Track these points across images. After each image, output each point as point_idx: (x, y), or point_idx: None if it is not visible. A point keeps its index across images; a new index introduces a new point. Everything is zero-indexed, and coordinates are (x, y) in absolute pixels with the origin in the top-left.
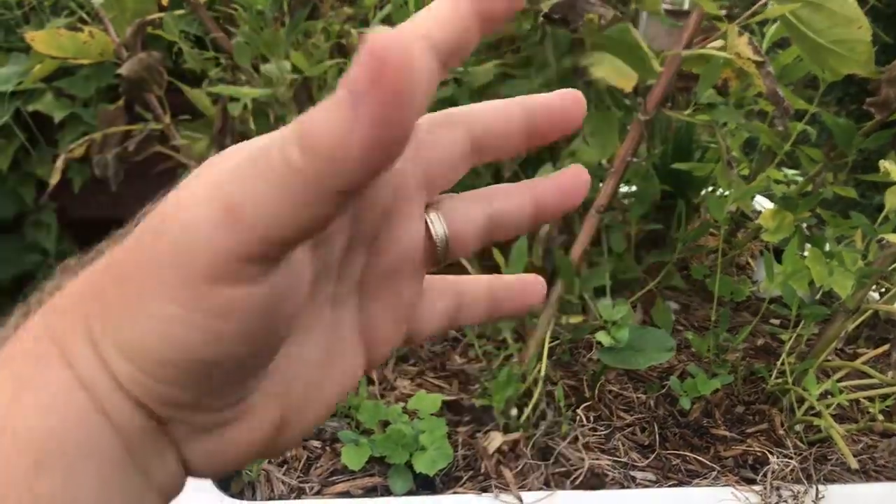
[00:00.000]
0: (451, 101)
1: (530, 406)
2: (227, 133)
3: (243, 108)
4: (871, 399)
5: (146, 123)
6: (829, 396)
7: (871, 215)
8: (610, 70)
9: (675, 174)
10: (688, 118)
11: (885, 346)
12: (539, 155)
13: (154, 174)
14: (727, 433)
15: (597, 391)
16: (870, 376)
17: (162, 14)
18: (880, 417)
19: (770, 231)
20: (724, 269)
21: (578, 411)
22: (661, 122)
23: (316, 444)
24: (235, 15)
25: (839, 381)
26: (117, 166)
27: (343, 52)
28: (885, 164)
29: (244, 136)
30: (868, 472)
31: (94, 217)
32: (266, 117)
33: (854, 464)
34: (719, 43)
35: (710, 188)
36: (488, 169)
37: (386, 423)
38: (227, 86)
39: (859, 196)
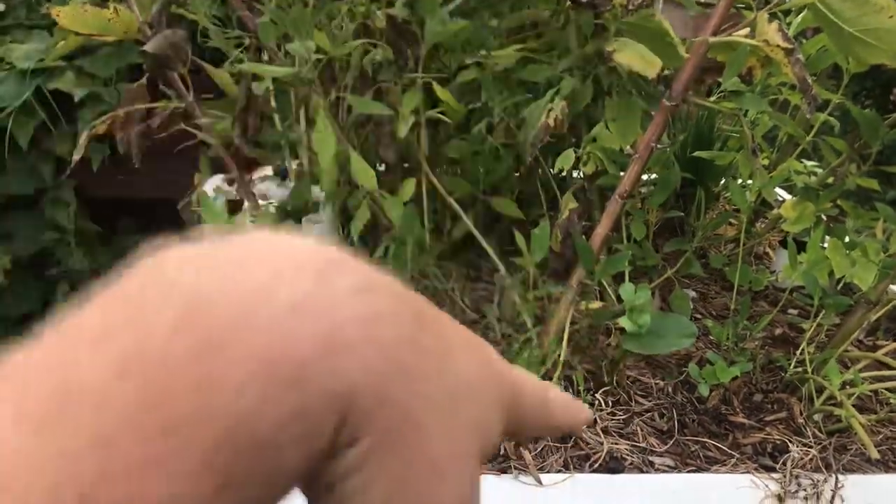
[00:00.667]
0: (472, 86)
1: None
2: (251, 112)
3: (266, 88)
4: (891, 390)
5: (169, 101)
6: (850, 386)
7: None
8: (634, 56)
9: (696, 162)
10: (714, 105)
11: None
12: (562, 140)
13: (174, 153)
14: (746, 421)
15: (615, 376)
16: (890, 367)
17: None
18: None
19: (791, 221)
20: (743, 258)
21: (597, 396)
22: (681, 111)
23: None
24: None
25: (859, 371)
26: (141, 143)
27: (368, 32)
28: None
29: (265, 116)
30: (888, 464)
31: (112, 196)
32: (289, 96)
33: (875, 454)
34: (745, 31)
35: (731, 177)
36: (509, 153)
37: None
38: (252, 63)
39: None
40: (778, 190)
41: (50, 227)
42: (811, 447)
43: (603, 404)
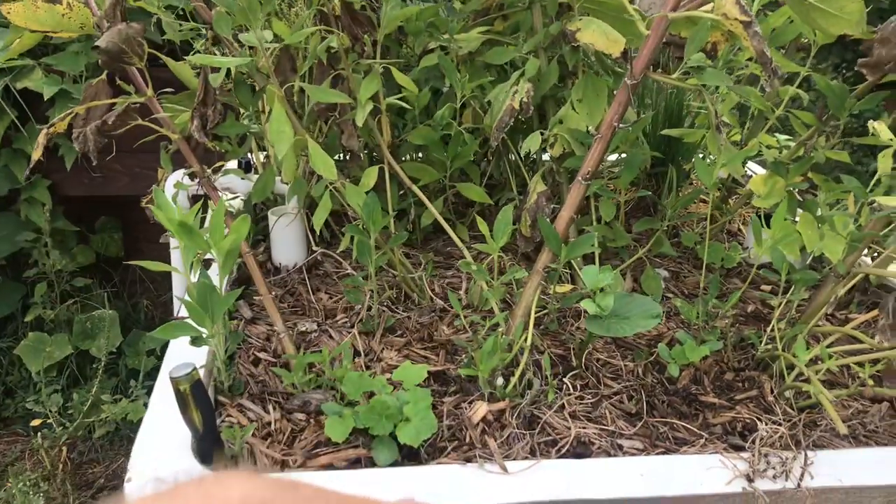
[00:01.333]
0: (436, 70)
1: (516, 375)
2: (210, 105)
3: (225, 79)
4: (861, 364)
5: (128, 97)
6: (819, 362)
7: (865, 182)
8: (597, 34)
9: (666, 140)
10: (676, 82)
11: (876, 311)
12: (528, 122)
13: (147, 149)
14: (716, 400)
15: (584, 359)
16: (860, 341)
17: None
18: (870, 382)
19: (761, 196)
20: (715, 235)
21: (565, 380)
22: (652, 89)
23: (300, 416)
24: None
25: (829, 346)
26: (97, 140)
27: (325, 20)
28: (873, 125)
29: (227, 106)
30: (858, 438)
31: (87, 194)
32: (248, 87)
33: (843, 429)
34: (708, 6)
35: (701, 154)
36: (477, 137)
37: (371, 395)
38: (206, 55)
39: (855, 163)
40: (752, 165)
41: (26, 228)
42: (781, 424)
43: (571, 388)
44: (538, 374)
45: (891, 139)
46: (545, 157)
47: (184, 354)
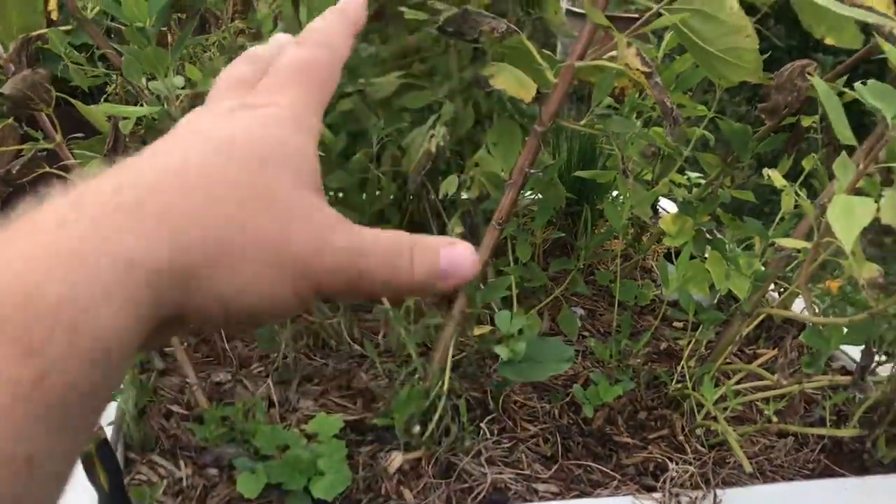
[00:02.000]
0: (352, 115)
1: (433, 422)
2: (119, 151)
3: (136, 125)
4: (766, 400)
5: (35, 143)
6: (726, 400)
7: (775, 215)
8: (510, 80)
9: (580, 181)
10: (583, 128)
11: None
12: (448, 165)
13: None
14: (629, 440)
15: (501, 403)
16: (765, 378)
17: (48, 30)
18: (774, 419)
19: (671, 235)
20: (629, 273)
21: (482, 424)
22: (567, 130)
23: (213, 472)
24: (124, 31)
25: (739, 382)
26: (0, 190)
27: None
28: (768, 172)
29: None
30: (765, 473)
31: None
32: (159, 134)
33: (748, 467)
34: (615, 53)
35: (616, 193)
36: (396, 179)
37: (286, 448)
38: (115, 104)
39: (764, 200)
40: (666, 202)
41: None
42: (691, 464)
43: (488, 433)
44: (456, 419)
45: (783, 185)
46: (464, 196)
47: None
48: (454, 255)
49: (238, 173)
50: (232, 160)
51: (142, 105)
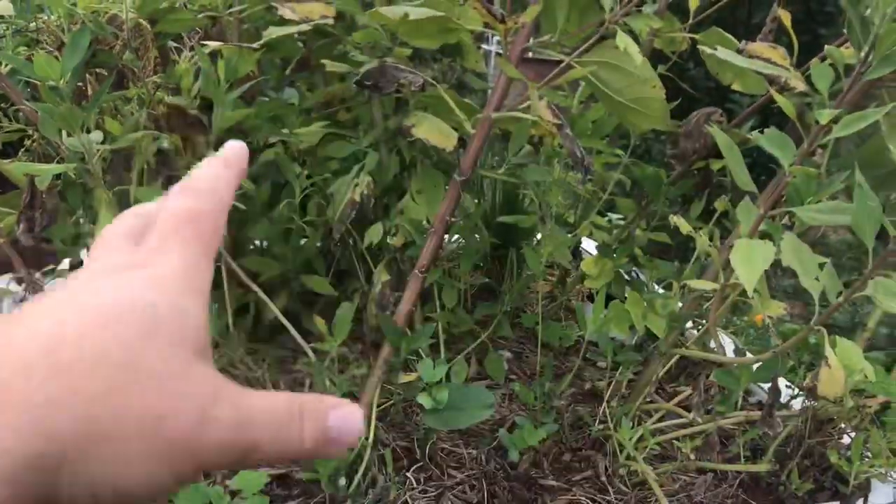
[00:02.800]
0: (274, 164)
1: (359, 474)
2: (37, 207)
3: (55, 178)
4: (685, 438)
5: None
6: (644, 440)
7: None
8: (431, 130)
9: (505, 226)
10: (502, 177)
11: None
12: (372, 214)
13: None
14: (555, 483)
15: (427, 451)
16: (682, 416)
17: None
18: (692, 457)
19: (592, 278)
20: (555, 313)
21: (409, 474)
22: (490, 178)
23: None
24: (38, 88)
25: (660, 420)
26: None
27: (157, 120)
28: (674, 219)
29: (56, 210)
30: None
31: None
32: (80, 188)
33: None
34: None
35: (528, 242)
36: (319, 229)
37: None
38: (27, 162)
39: (687, 239)
40: (588, 244)
41: None
42: None
43: (414, 482)
44: (382, 469)
45: (689, 231)
46: (390, 241)
47: None
48: (342, 418)
49: (113, 347)
50: (107, 331)
51: (60, 161)
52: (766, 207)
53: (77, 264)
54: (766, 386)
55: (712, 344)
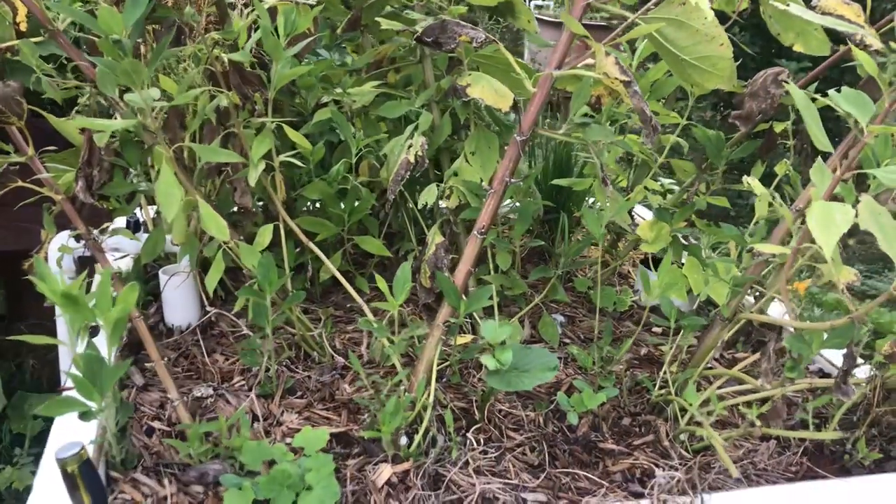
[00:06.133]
0: (331, 123)
1: (420, 433)
2: (94, 164)
3: (112, 136)
4: (748, 405)
5: (8, 155)
6: (710, 405)
7: (748, 213)
8: (486, 90)
9: (557, 189)
10: (562, 136)
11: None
12: (424, 174)
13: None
14: (615, 447)
15: (486, 412)
16: (746, 382)
17: (18, 41)
18: (758, 423)
19: (648, 242)
20: (607, 279)
21: (469, 434)
22: (542, 139)
23: (198, 489)
24: (98, 43)
25: (719, 388)
26: None
27: (214, 78)
28: (747, 180)
29: (114, 164)
30: (749, 477)
31: None
32: (136, 145)
33: (735, 472)
34: (592, 62)
35: (592, 200)
36: (374, 190)
37: (272, 463)
38: (88, 118)
39: (736, 197)
40: (640, 209)
41: None
42: (677, 469)
43: (475, 443)
44: (442, 430)
45: (762, 192)
46: (442, 205)
47: (72, 427)
48: None
49: None
50: None
51: (115, 117)
52: (843, 169)
53: (133, 222)
54: (829, 353)
55: (771, 311)
